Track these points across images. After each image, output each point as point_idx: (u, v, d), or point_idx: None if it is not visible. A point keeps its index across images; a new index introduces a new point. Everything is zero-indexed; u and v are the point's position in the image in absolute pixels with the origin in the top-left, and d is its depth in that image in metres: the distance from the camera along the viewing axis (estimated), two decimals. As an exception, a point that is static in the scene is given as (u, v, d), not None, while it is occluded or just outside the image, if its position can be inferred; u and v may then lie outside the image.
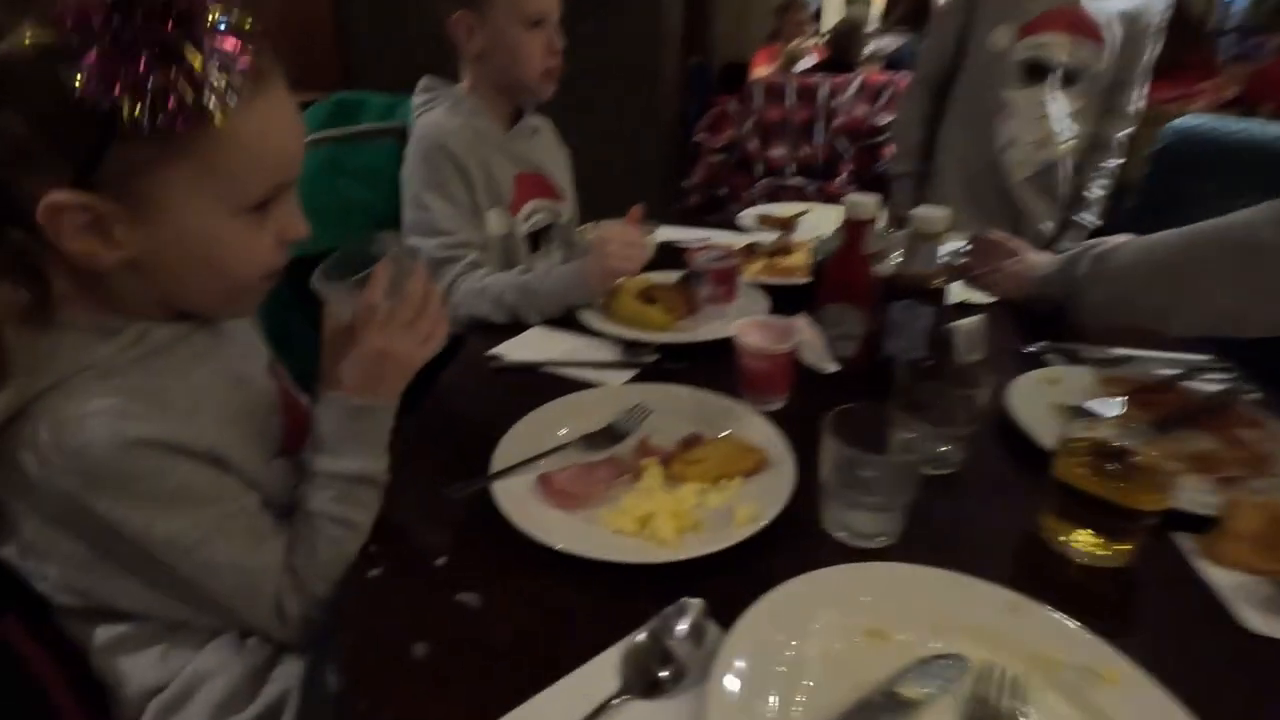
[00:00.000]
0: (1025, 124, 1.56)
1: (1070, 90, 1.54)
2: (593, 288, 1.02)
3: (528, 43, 1.14)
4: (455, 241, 1.11)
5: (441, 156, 1.11)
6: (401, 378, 0.62)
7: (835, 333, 0.87)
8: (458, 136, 1.13)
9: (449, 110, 1.15)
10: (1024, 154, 1.57)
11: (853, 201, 0.81)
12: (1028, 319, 1.07)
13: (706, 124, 2.24)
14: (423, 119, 1.15)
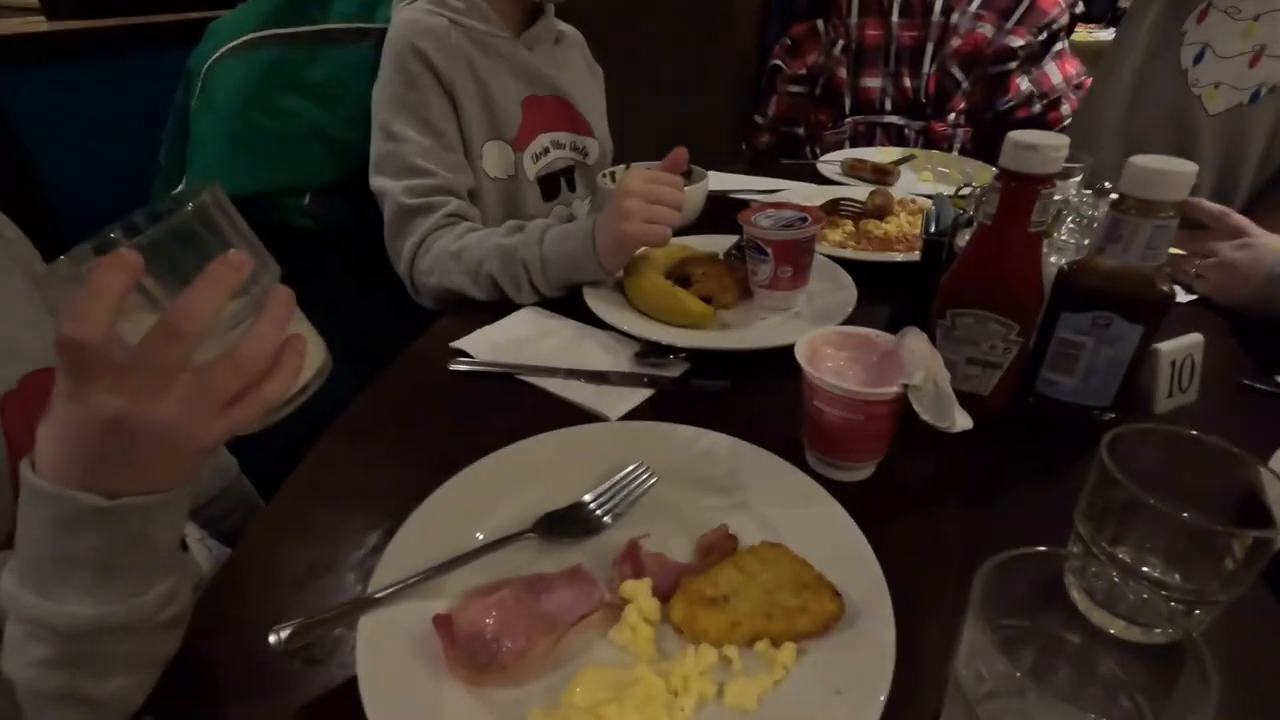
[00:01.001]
0: (1231, 27, 1.05)
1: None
2: (601, 260, 0.72)
3: None
4: (431, 185, 0.82)
5: (418, 67, 0.82)
6: (170, 462, 0.33)
7: (965, 355, 0.55)
8: (441, 41, 0.83)
9: (433, 4, 0.85)
10: (1225, 73, 1.06)
11: (1021, 144, 0.47)
12: (1255, 329, 0.72)
13: (786, 45, 1.84)
14: (397, 16, 0.85)
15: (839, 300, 0.72)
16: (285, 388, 0.33)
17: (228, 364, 0.31)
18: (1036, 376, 0.56)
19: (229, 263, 0.30)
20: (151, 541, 0.33)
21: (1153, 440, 0.40)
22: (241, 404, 0.32)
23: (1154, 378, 0.58)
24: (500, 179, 0.92)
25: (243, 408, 0.32)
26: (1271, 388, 0.62)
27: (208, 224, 0.31)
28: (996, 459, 0.54)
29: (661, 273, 0.74)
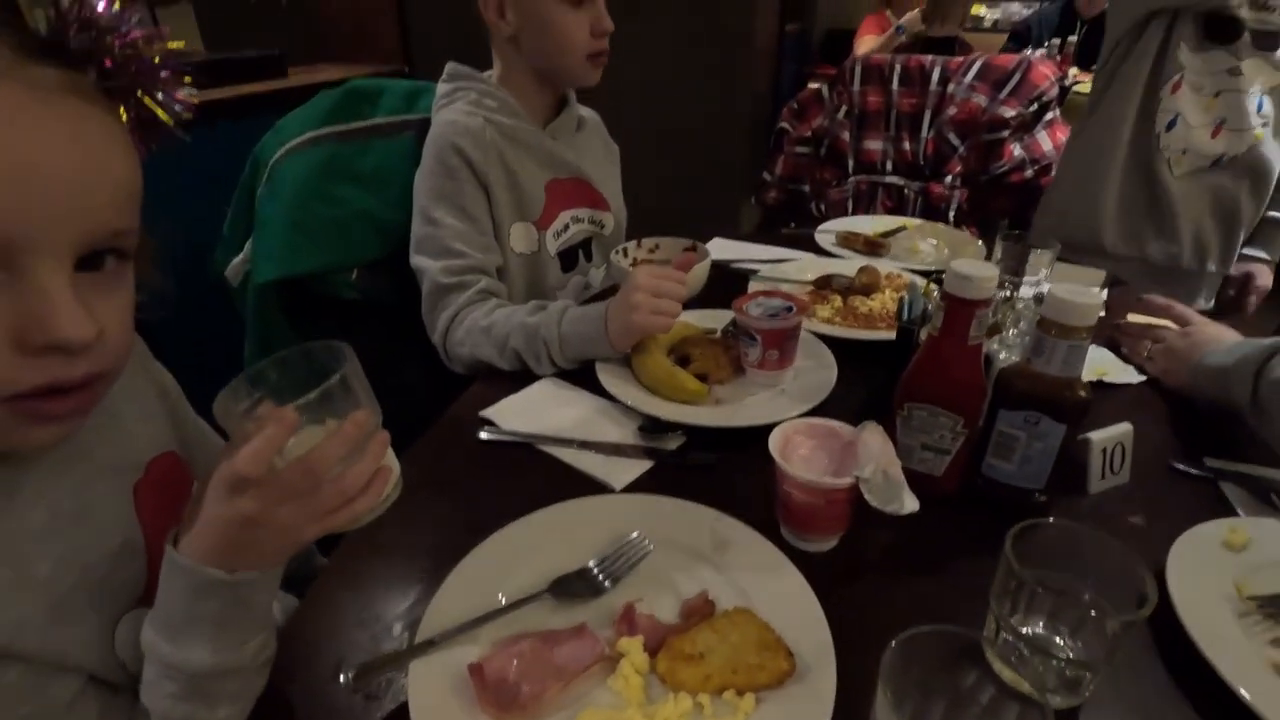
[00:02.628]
0: (1197, 100, 1.17)
1: (1268, 57, 1.15)
2: (612, 342, 0.82)
3: (570, 22, 0.95)
4: (465, 265, 0.94)
5: (457, 162, 0.94)
6: (279, 550, 0.43)
7: (920, 442, 0.65)
8: (477, 139, 0.95)
9: (470, 106, 0.97)
10: (1189, 140, 1.19)
11: (959, 274, 0.57)
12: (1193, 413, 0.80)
13: (793, 109, 1.96)
14: (439, 116, 0.98)
15: (821, 379, 0.82)
16: (369, 507, 0.44)
17: (335, 488, 0.42)
18: (982, 462, 0.65)
19: (357, 423, 0.42)
20: (256, 604, 0.44)
21: (1051, 532, 0.49)
22: (337, 514, 0.42)
23: (1087, 463, 0.66)
24: (525, 254, 1.03)
25: (338, 517, 0.43)
26: (1199, 471, 0.70)
27: (346, 388, 0.43)
28: (947, 534, 0.63)
29: (664, 351, 0.85)
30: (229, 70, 1.55)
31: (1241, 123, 1.18)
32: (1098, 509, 0.66)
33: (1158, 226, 1.26)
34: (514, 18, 0.95)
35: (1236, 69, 1.15)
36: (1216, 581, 0.55)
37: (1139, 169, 1.24)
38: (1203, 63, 1.16)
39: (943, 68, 1.76)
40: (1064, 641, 0.49)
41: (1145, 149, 1.22)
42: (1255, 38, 1.14)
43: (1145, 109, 1.22)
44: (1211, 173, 1.22)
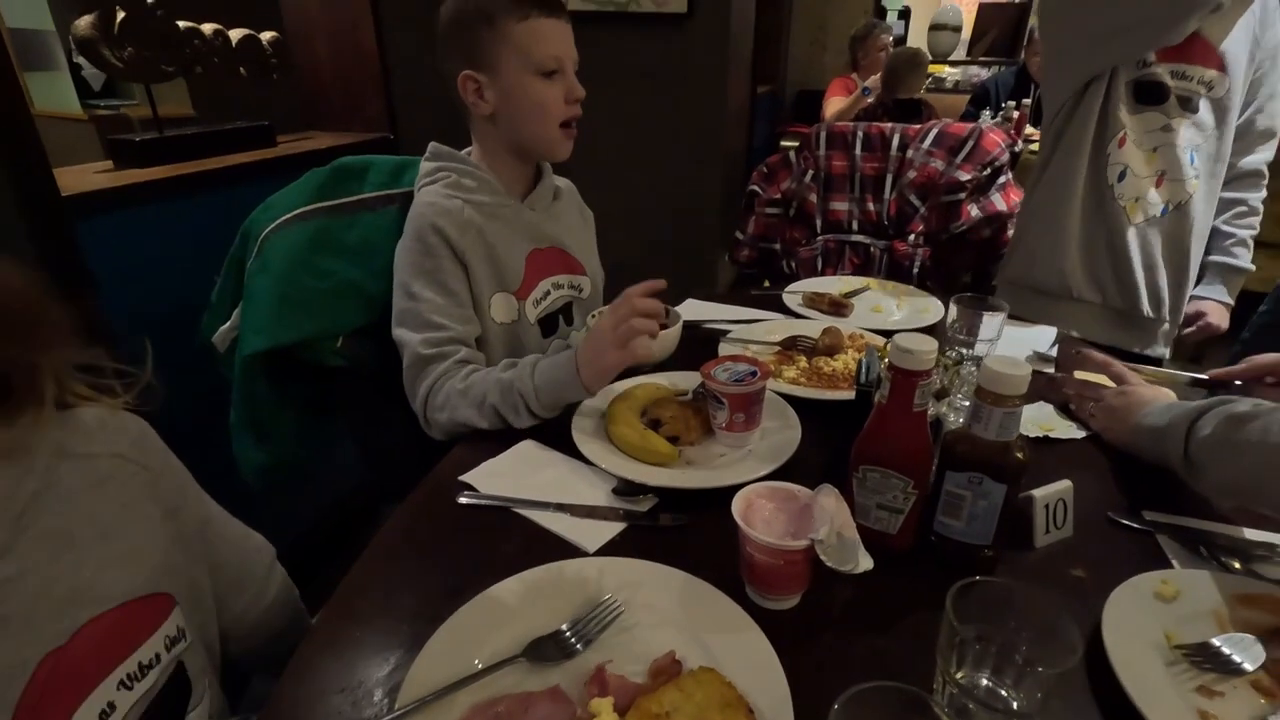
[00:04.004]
0: (1140, 153, 1.30)
1: (1193, 118, 1.29)
2: (584, 383, 0.88)
3: (545, 93, 1.02)
4: (444, 337, 0.98)
5: (435, 241, 0.99)
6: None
7: (875, 501, 0.69)
8: (455, 219, 1.00)
9: (449, 189, 1.03)
10: (1139, 189, 1.31)
11: (901, 348, 0.62)
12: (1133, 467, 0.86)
13: (763, 172, 2.06)
14: (420, 196, 1.03)
15: (786, 439, 0.86)
16: None
17: None
18: (934, 519, 0.69)
19: None
20: None
21: (989, 589, 0.53)
22: None
23: (1032, 518, 0.71)
24: (506, 323, 1.07)
25: None
26: (1137, 524, 0.75)
27: None
28: (903, 589, 0.66)
29: (637, 414, 0.89)
30: (219, 141, 1.61)
31: (1179, 174, 1.30)
32: (1043, 562, 0.70)
33: (1117, 274, 1.37)
34: (491, 96, 1.02)
35: (1168, 126, 1.28)
36: (1148, 631, 0.59)
37: (1098, 218, 1.35)
38: (1138, 122, 1.29)
39: (902, 135, 1.87)
40: (1006, 693, 0.52)
41: (1101, 199, 1.33)
42: (1179, 100, 1.27)
43: (1096, 163, 1.33)
44: (1162, 220, 1.34)
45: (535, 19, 0.97)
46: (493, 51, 0.98)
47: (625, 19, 2.56)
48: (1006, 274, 1.49)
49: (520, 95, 1.01)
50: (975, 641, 0.51)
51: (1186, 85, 1.26)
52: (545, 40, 0.99)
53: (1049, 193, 1.40)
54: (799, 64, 5.13)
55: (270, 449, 1.06)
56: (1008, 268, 1.49)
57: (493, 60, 0.99)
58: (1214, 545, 0.71)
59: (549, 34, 1.00)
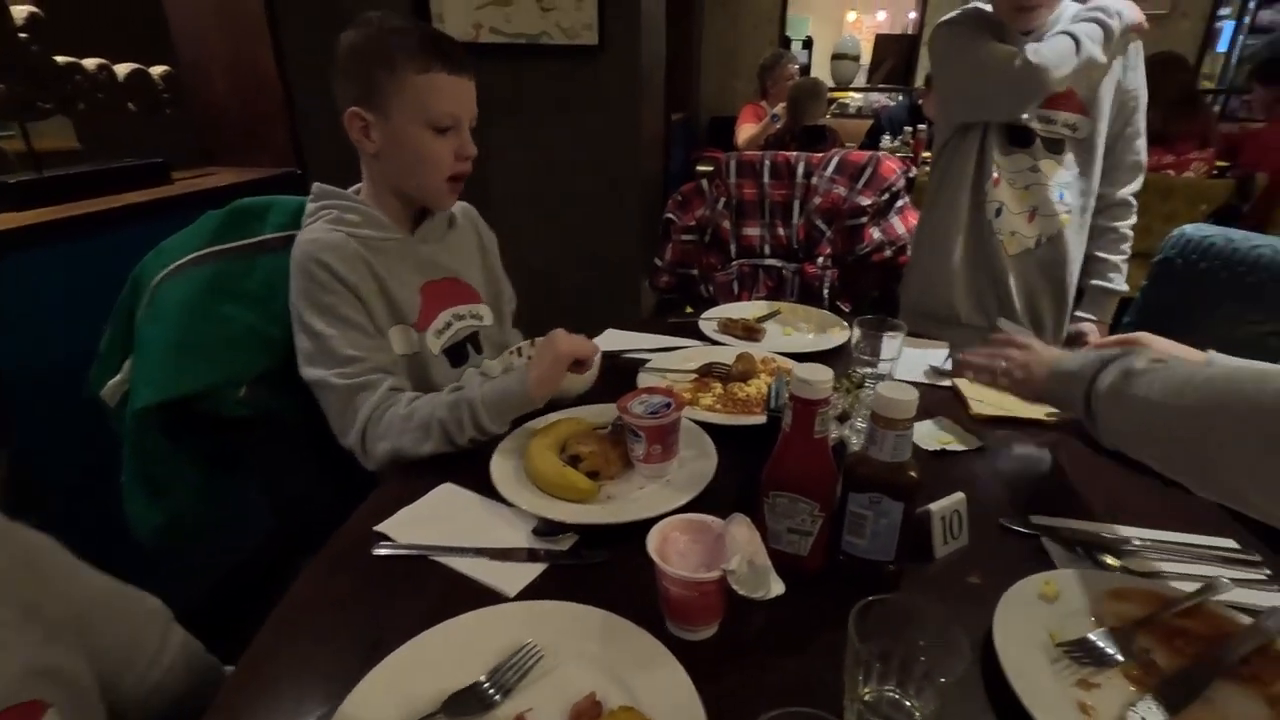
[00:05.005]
0: (1013, 192, 1.42)
1: (1059, 158, 1.41)
2: (533, 388, 0.93)
3: (433, 147, 1.01)
4: (364, 368, 0.96)
5: (324, 276, 0.97)
6: None
7: (785, 525, 0.72)
8: (340, 252, 0.98)
9: (329, 225, 1.01)
10: (1015, 225, 1.43)
11: (800, 379, 0.66)
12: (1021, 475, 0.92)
13: (677, 200, 2.11)
14: (300, 236, 1.01)
15: (703, 468, 0.88)
16: None
17: None
18: (841, 539, 0.72)
19: None
20: None
21: (887, 606, 0.56)
22: None
23: (930, 531, 0.75)
24: (407, 355, 1.06)
25: None
26: (1024, 528, 0.81)
27: None
28: (816, 610, 0.69)
29: (556, 450, 0.89)
30: (107, 180, 1.53)
31: (1049, 210, 1.42)
32: (942, 572, 0.75)
33: (1000, 300, 1.48)
34: (378, 137, 1.01)
35: (1036, 167, 1.39)
36: (1034, 632, 0.64)
37: (979, 250, 1.46)
38: (1010, 163, 1.40)
39: (806, 163, 1.96)
40: (910, 704, 0.55)
41: (982, 234, 1.44)
42: (1045, 143, 1.39)
43: (976, 200, 1.44)
44: (1037, 251, 1.45)
45: (437, 74, 0.97)
46: (387, 96, 0.97)
47: (537, 51, 2.59)
48: (905, 299, 1.59)
49: (408, 145, 1.01)
50: (878, 659, 0.54)
51: (1052, 129, 1.38)
52: (444, 97, 0.99)
53: (937, 225, 1.51)
54: (711, 91, 5.30)
55: (168, 507, 1.00)
56: (906, 293, 1.59)
57: (385, 104, 0.98)
58: (1091, 545, 0.77)
59: (449, 91, 0.99)
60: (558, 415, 0.99)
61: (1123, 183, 1.47)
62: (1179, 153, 3.05)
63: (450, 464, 0.92)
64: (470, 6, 2.38)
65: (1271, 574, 0.74)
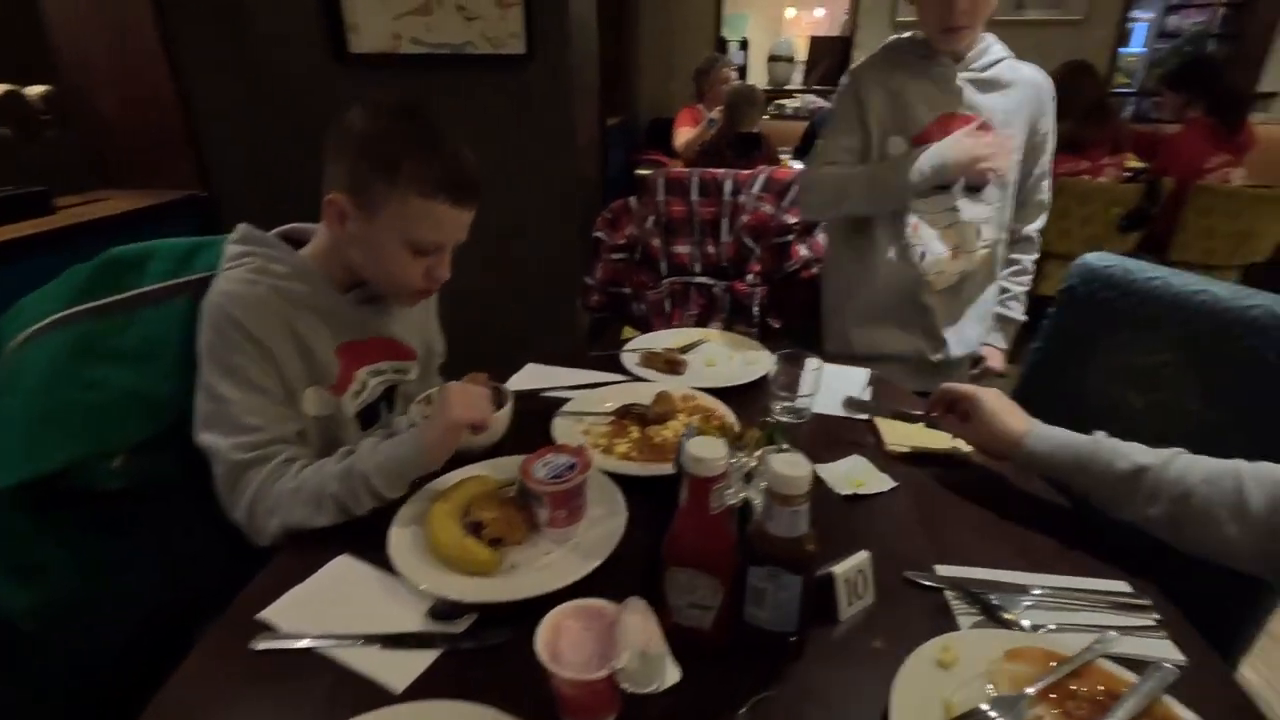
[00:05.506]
0: (936, 235, 1.45)
1: (977, 197, 1.45)
2: (429, 449, 0.88)
3: (407, 266, 0.98)
4: (262, 439, 0.90)
5: (237, 336, 0.90)
6: None
7: (686, 601, 0.70)
8: (257, 309, 0.92)
9: (252, 275, 0.95)
10: (941, 265, 1.46)
11: (692, 456, 0.64)
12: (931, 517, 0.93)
13: (606, 219, 2.08)
14: (215, 284, 0.94)
15: (613, 527, 0.85)
16: None
17: None
18: (744, 611, 0.71)
19: None
20: None
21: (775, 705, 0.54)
22: None
23: (834, 595, 0.75)
24: (320, 416, 1.00)
25: None
26: (929, 582, 0.81)
27: None
28: (719, 686, 0.67)
29: (459, 515, 0.85)
30: (-23, 214, 1.41)
31: (970, 247, 1.47)
32: (847, 637, 0.74)
33: (926, 331, 1.52)
34: (353, 229, 0.95)
35: (955, 207, 1.43)
36: (929, 707, 0.63)
37: (905, 289, 1.49)
38: (929, 204, 1.43)
39: (734, 180, 1.95)
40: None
41: (907, 275, 1.47)
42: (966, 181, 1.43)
43: (898, 244, 1.47)
44: (962, 285, 1.50)
45: (440, 204, 0.93)
46: (378, 203, 0.92)
47: (462, 60, 2.51)
48: (827, 331, 1.63)
49: (382, 255, 0.97)
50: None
51: None
52: (437, 226, 0.95)
53: (855, 263, 1.53)
54: (649, 94, 5.27)
55: (40, 588, 0.92)
56: (828, 326, 1.63)
57: (372, 207, 0.93)
58: (992, 605, 0.77)
59: (446, 222, 0.96)
60: (463, 473, 0.95)
61: (1029, 219, 1.54)
62: (1093, 158, 3.18)
63: (349, 532, 0.88)
64: (388, 16, 2.29)
65: (1160, 619, 0.76)
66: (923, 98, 1.40)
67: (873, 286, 1.51)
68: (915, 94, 1.40)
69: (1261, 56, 4.82)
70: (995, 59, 1.42)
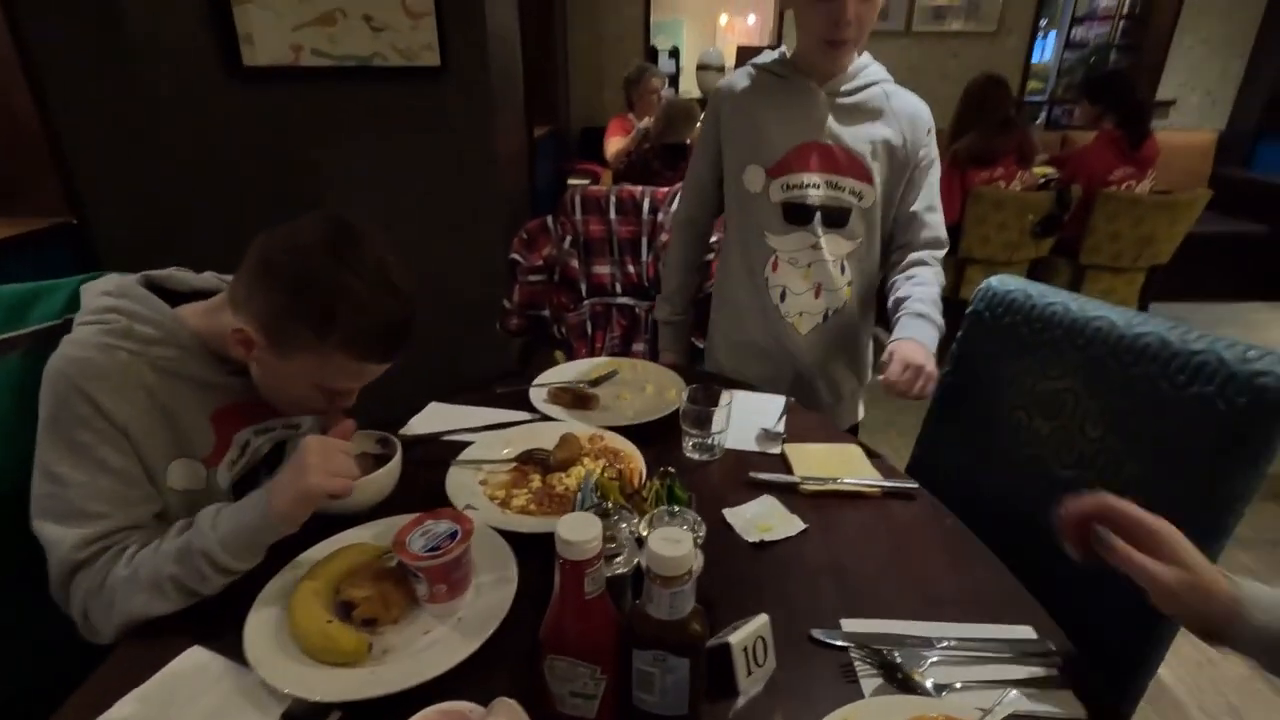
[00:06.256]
0: (795, 271, 1.37)
1: (840, 231, 1.35)
2: (280, 516, 0.77)
3: (311, 399, 0.90)
4: (107, 529, 0.80)
5: (87, 411, 0.79)
6: None
7: (567, 690, 0.64)
8: (112, 382, 0.81)
9: (112, 335, 0.83)
10: (803, 305, 1.39)
11: (562, 539, 0.58)
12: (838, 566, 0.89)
13: (523, 239, 2.01)
14: (64, 347, 0.82)
15: (502, 596, 0.79)
16: None
17: None
18: (632, 696, 0.65)
19: None
20: None
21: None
22: None
23: (731, 666, 0.70)
24: (190, 490, 0.90)
25: None
26: (833, 640, 0.77)
27: None
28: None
29: (328, 594, 0.77)
30: None
31: (833, 285, 1.38)
32: (744, 713, 0.69)
33: (798, 372, 1.45)
34: (260, 359, 0.86)
35: (817, 244, 1.34)
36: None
37: (769, 331, 1.42)
38: (788, 242, 1.36)
39: (651, 198, 1.91)
40: None
41: (769, 318, 1.41)
42: (825, 216, 1.33)
43: (755, 286, 1.41)
44: (827, 324, 1.41)
45: (362, 363, 0.86)
46: (297, 346, 0.83)
47: (371, 73, 2.40)
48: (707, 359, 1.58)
49: (287, 390, 0.90)
50: None
51: (839, 197, 1.32)
52: (357, 377, 0.89)
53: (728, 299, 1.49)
54: (581, 102, 5.21)
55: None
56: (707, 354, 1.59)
57: (289, 349, 0.84)
58: (896, 656, 0.74)
59: (366, 374, 0.89)
60: (340, 541, 0.87)
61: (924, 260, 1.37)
62: (1005, 166, 3.28)
63: (203, 617, 0.79)
64: (286, 27, 2.16)
65: (1063, 666, 0.74)
66: (781, 124, 1.30)
67: (740, 324, 1.45)
68: (773, 120, 1.30)
69: (1159, 66, 5.10)
70: (867, 83, 1.30)
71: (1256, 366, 0.85)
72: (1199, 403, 0.89)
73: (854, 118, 1.30)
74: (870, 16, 1.21)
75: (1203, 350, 0.91)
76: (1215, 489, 0.87)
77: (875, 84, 1.31)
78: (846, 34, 1.20)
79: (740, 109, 1.35)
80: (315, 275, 0.80)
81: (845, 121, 1.30)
